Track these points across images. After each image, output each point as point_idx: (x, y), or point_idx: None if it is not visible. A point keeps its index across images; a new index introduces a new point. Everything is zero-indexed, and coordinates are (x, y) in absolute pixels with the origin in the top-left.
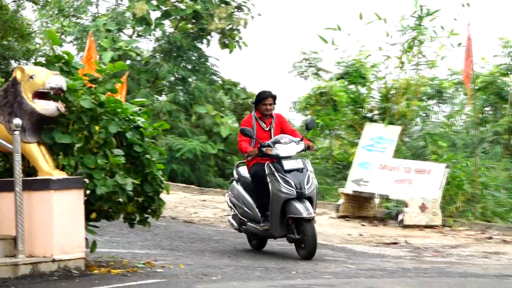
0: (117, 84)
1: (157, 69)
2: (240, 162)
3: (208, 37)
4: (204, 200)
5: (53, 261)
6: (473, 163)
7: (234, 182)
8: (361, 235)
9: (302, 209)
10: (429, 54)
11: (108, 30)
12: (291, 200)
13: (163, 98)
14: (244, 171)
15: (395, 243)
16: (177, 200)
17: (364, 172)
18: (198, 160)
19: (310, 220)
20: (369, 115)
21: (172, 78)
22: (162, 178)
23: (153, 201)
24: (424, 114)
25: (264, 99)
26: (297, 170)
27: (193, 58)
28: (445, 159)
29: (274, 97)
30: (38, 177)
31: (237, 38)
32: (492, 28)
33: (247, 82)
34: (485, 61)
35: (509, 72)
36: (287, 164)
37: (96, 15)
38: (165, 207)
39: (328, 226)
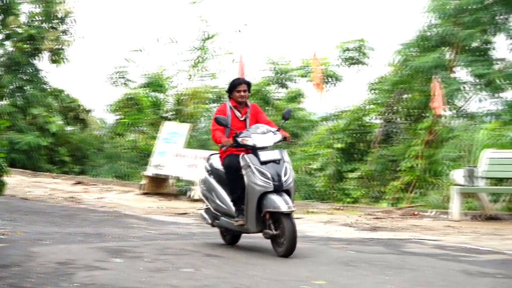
0: None
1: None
2: (212, 154)
3: (41, 54)
4: (36, 182)
5: None
6: None
7: (207, 175)
8: (159, 207)
9: (281, 202)
10: (211, 68)
11: None
12: (268, 193)
13: (4, 102)
14: (217, 163)
15: (185, 213)
16: (16, 182)
17: (162, 159)
18: (33, 150)
19: (290, 215)
20: (165, 115)
21: (12, 87)
22: (4, 164)
23: None
24: (207, 115)
25: (237, 85)
26: (274, 161)
27: (29, 71)
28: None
29: (248, 84)
30: None
31: (63, 56)
32: (260, 48)
33: (71, 89)
34: (253, 74)
35: (271, 83)
36: (264, 155)
37: None
38: (6, 187)
39: (134, 201)
